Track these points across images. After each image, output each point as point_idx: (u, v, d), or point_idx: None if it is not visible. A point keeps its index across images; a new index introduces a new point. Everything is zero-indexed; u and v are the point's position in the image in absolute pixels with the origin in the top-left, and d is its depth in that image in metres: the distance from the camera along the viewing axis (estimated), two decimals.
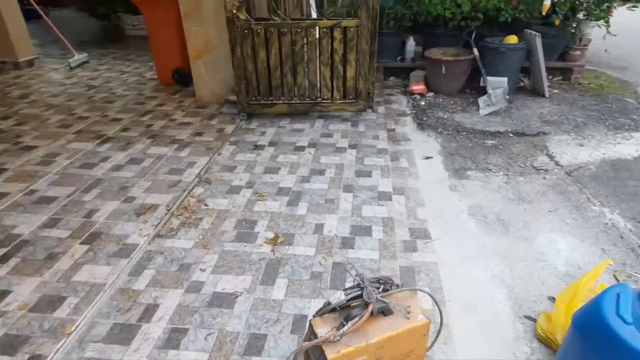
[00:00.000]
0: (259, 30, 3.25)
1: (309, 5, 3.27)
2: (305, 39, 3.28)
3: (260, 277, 1.88)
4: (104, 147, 3.11)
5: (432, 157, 2.95)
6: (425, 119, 3.60)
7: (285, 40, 3.28)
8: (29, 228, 2.20)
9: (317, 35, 3.27)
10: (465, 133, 3.32)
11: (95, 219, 2.28)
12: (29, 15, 7.14)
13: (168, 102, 4.04)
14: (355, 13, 3.23)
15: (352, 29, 3.25)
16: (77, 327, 1.63)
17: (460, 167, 2.83)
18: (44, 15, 5.61)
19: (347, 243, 2.10)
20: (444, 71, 3.91)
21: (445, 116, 3.64)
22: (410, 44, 4.41)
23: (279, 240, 2.11)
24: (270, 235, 2.15)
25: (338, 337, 1.23)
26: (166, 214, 2.33)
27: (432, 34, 4.32)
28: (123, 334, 1.60)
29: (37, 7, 5.48)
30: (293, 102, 3.54)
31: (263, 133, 3.37)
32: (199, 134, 3.36)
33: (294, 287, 1.82)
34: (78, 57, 5.36)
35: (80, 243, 2.09)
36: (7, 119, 3.61)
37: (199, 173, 2.75)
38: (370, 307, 1.28)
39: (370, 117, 3.65)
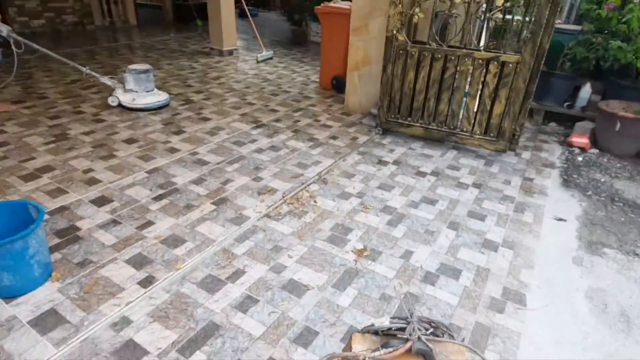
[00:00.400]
0: (413, 53, 3.31)
1: (472, 34, 3.17)
2: (457, 67, 3.21)
3: (335, 280, 1.98)
4: (256, 131, 3.62)
5: (565, 220, 2.57)
6: (575, 176, 3.12)
7: (436, 65, 3.27)
8: (183, 180, 2.75)
9: (471, 66, 3.16)
10: (621, 204, 2.77)
11: (227, 187, 2.71)
12: (242, 14, 8.61)
13: (319, 105, 4.43)
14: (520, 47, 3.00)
15: (510, 65, 3.03)
16: (184, 266, 2.00)
17: (598, 241, 2.40)
18: (250, 17, 6.70)
19: (429, 278, 2.02)
20: (618, 128, 3.31)
21: (603, 179, 3.09)
22: (586, 91, 3.84)
23: (365, 253, 2.17)
24: (360, 246, 2.23)
25: (368, 359, 1.25)
26: (280, 199, 2.61)
27: (616, 84, 3.68)
28: (212, 285, 1.90)
29: (246, 9, 6.59)
30: (430, 127, 3.49)
31: (392, 150, 3.43)
32: (334, 137, 3.61)
33: (361, 301, 1.87)
34: (265, 53, 6.28)
35: (211, 203, 2.53)
36: (199, 94, 4.51)
37: (320, 172, 2.98)
38: (409, 344, 1.25)
39: (509, 159, 3.35)
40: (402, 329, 1.31)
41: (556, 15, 2.81)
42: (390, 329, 1.32)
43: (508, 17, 3.49)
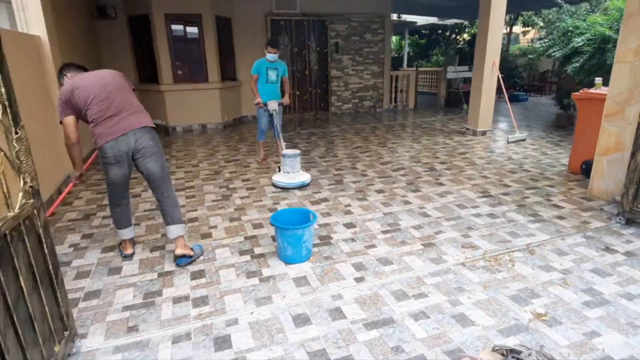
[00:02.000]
0: None
1: None
2: None
3: (502, 327, 2.15)
4: (481, 199, 3.96)
5: None
6: None
7: None
8: (406, 224, 3.45)
9: None
10: None
11: (438, 236, 3.21)
12: (513, 98, 8.95)
13: (558, 186, 4.28)
14: None
15: None
16: (386, 278, 2.65)
17: None
18: (507, 101, 7.02)
19: None
20: None
21: None
22: None
23: (543, 317, 2.20)
24: (541, 310, 2.26)
25: None
26: (480, 255, 2.90)
27: None
28: (400, 296, 2.46)
29: (505, 93, 6.96)
30: None
31: (629, 242, 3.03)
32: (561, 217, 3.50)
33: None
34: (519, 134, 6.40)
35: (421, 244, 3.10)
36: (443, 164, 5.20)
37: (529, 244, 3.05)
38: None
39: None
40: (522, 353, 1.51)
41: None
42: (513, 350, 1.54)
43: None
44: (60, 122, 2.62)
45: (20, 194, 1.66)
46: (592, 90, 4.47)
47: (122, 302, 2.42)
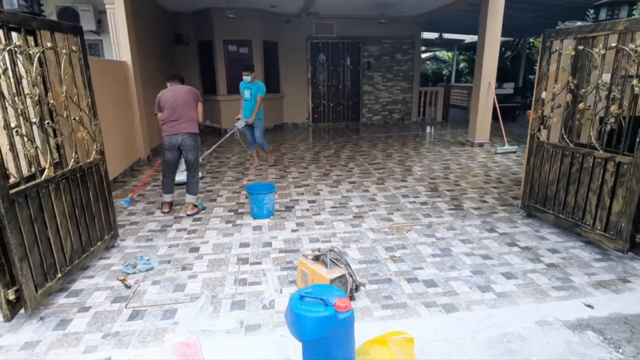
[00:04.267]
0: (548, 149, 3.74)
1: (592, 136, 3.19)
2: (581, 164, 3.39)
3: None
4: (425, 193, 4.94)
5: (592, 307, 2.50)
6: None
7: (565, 160, 3.56)
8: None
9: (592, 164, 3.29)
10: None
11: (374, 211, 4.32)
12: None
13: (503, 189, 5.07)
14: None
15: (625, 165, 3.01)
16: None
17: None
18: (500, 117, 7.64)
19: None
20: None
21: None
22: None
23: (395, 258, 3.25)
24: (398, 255, 3.31)
25: (305, 256, 2.73)
26: (389, 226, 3.96)
27: None
28: None
29: (498, 107, 7.60)
30: (560, 215, 3.65)
31: (514, 227, 3.86)
32: (478, 209, 4.37)
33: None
34: (508, 147, 7.04)
35: (353, 216, 4.23)
36: (417, 163, 6.17)
37: (432, 222, 4.02)
38: (321, 256, 2.63)
39: (630, 261, 3.04)
40: (321, 255, 2.68)
41: None
42: (317, 255, 2.71)
43: None
44: (155, 114, 4.27)
45: (94, 152, 3.25)
46: None
47: (148, 228, 3.97)
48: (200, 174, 5.06)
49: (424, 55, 21.43)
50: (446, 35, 13.83)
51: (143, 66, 6.69)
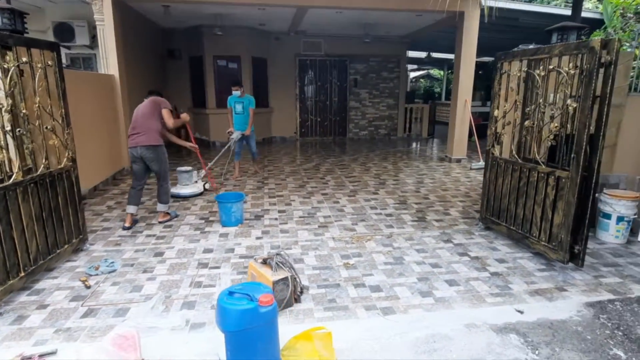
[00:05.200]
0: (501, 164, 3.93)
1: (537, 151, 3.36)
2: (528, 178, 3.58)
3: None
4: (393, 205, 5.10)
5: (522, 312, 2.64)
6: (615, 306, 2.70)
7: (515, 175, 3.74)
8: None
9: (536, 178, 3.47)
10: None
11: (339, 221, 4.48)
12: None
13: (469, 202, 5.24)
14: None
15: (563, 179, 3.19)
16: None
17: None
18: (475, 134, 7.84)
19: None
20: None
21: None
22: None
23: (348, 265, 3.40)
24: (352, 262, 3.46)
25: (256, 259, 2.88)
26: (350, 235, 4.11)
27: None
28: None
29: (474, 128, 7.80)
30: (512, 227, 3.82)
31: (470, 239, 4.02)
32: (440, 221, 4.53)
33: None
34: (482, 163, 7.23)
35: (318, 225, 4.39)
36: (394, 176, 6.34)
37: (393, 232, 4.18)
38: (267, 259, 2.78)
39: (571, 272, 3.19)
40: (269, 258, 2.83)
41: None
42: (266, 258, 2.86)
43: None
44: None
45: (65, 159, 3.43)
46: None
47: (120, 234, 4.12)
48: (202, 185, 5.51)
49: (417, 73, 21.89)
50: (434, 54, 14.21)
51: (132, 79, 6.93)
